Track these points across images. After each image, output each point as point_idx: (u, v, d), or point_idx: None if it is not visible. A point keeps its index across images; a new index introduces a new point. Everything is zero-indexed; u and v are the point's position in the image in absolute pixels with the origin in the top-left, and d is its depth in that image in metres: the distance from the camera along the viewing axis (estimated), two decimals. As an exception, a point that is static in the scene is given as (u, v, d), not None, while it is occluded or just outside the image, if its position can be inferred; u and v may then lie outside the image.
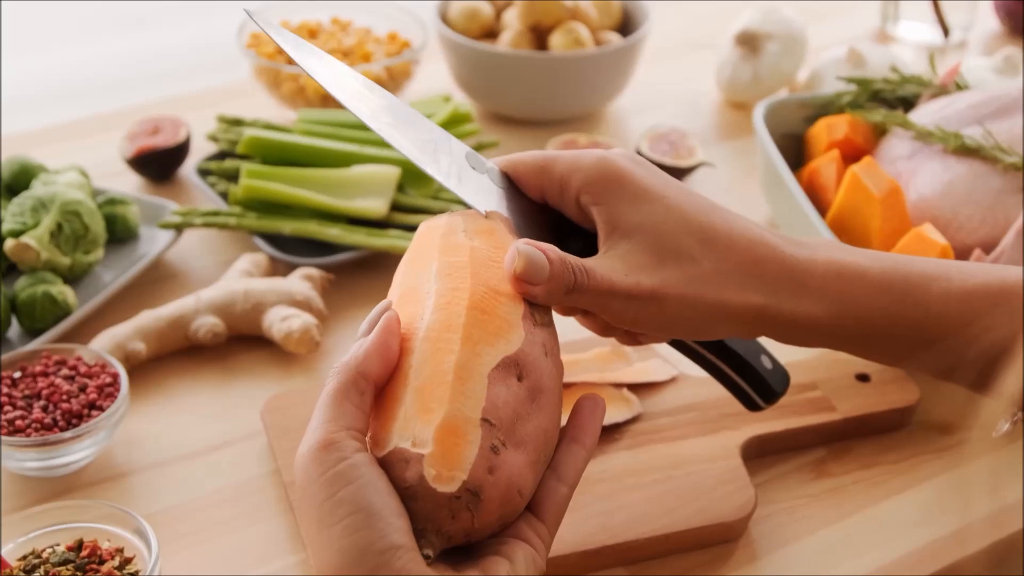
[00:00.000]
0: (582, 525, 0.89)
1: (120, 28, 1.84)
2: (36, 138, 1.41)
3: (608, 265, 0.74)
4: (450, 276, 0.72)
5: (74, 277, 1.13)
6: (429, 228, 0.78)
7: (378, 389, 0.68)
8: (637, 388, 1.01)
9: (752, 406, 0.92)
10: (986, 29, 1.76)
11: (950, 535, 0.93)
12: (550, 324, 0.74)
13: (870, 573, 0.89)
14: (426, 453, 0.64)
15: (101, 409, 0.95)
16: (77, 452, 0.94)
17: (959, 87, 1.26)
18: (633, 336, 0.86)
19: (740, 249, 0.75)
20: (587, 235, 0.79)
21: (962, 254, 1.09)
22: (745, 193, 1.35)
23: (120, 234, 1.19)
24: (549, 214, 0.81)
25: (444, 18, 1.49)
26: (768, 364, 0.91)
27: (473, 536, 0.66)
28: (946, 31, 1.68)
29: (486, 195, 0.79)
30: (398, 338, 0.69)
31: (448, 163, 0.78)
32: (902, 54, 1.56)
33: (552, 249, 0.72)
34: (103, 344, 1.04)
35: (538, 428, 0.69)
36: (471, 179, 0.79)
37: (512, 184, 0.80)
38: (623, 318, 0.75)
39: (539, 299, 0.73)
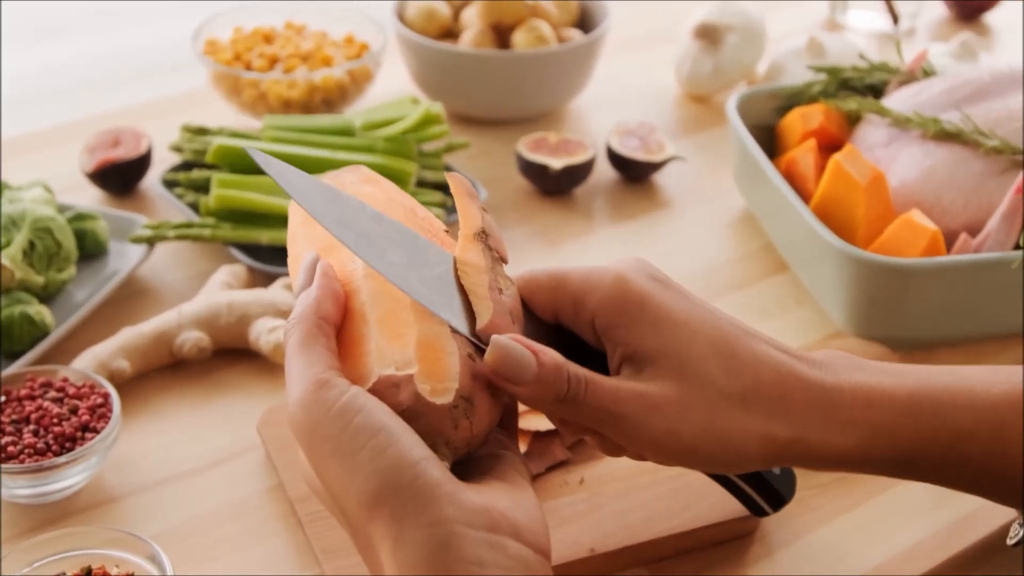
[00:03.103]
0: (600, 526, 0.88)
1: (66, 33, 1.79)
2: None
3: (619, 382, 0.70)
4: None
5: (48, 296, 1.10)
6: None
7: (336, 330, 0.68)
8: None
9: (759, 512, 0.87)
10: (934, 16, 1.78)
11: (963, 517, 0.93)
12: (454, 243, 0.75)
13: (889, 560, 0.89)
14: (414, 372, 0.65)
15: (95, 431, 0.92)
16: (71, 477, 0.91)
17: (927, 73, 1.27)
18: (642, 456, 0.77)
19: (765, 379, 0.71)
20: (604, 357, 0.74)
21: (948, 238, 1.09)
22: (717, 187, 1.35)
23: (90, 250, 1.16)
24: (563, 334, 0.75)
25: (401, 19, 1.47)
26: (775, 469, 0.86)
27: (472, 444, 0.67)
28: (896, 18, 1.69)
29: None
30: (339, 281, 0.70)
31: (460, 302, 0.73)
32: (856, 42, 1.56)
33: (545, 352, 0.68)
34: (86, 363, 1.01)
35: None
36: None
37: (524, 304, 0.75)
38: (636, 440, 0.70)
39: (524, 402, 0.69)
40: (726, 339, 0.71)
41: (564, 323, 0.74)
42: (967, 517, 0.93)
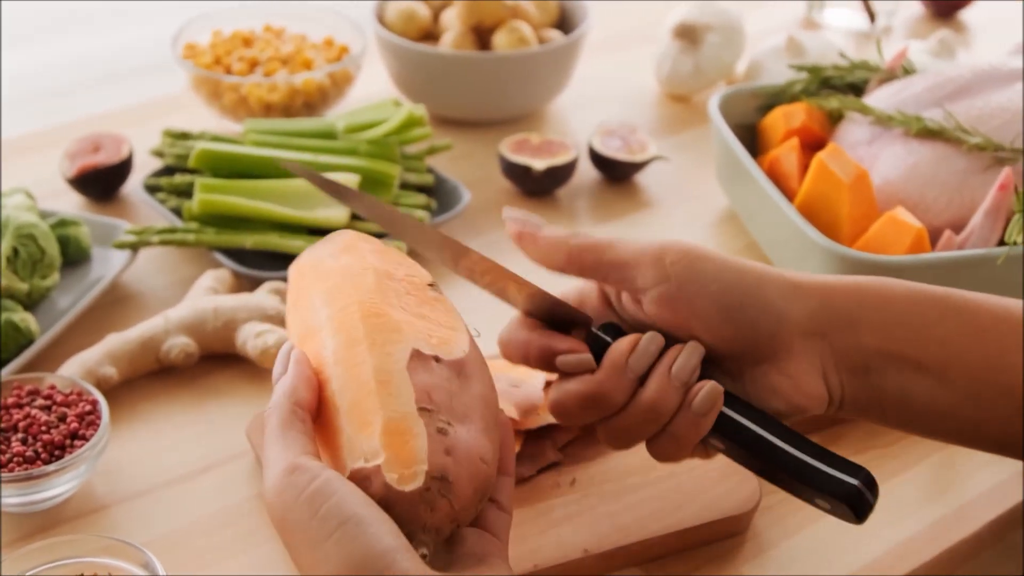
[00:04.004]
0: (594, 527, 0.88)
1: (36, 39, 1.78)
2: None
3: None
4: (333, 299, 0.74)
5: (32, 303, 1.09)
6: (297, 270, 0.81)
7: (312, 417, 0.70)
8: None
9: (858, 503, 0.74)
10: (910, 14, 1.79)
11: (952, 513, 0.94)
12: (440, 298, 0.77)
13: (882, 556, 0.90)
14: (381, 462, 0.66)
15: (84, 439, 0.91)
16: (61, 485, 0.90)
17: (907, 71, 1.27)
18: (705, 449, 0.79)
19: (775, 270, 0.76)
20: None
21: (932, 235, 1.10)
22: (699, 186, 1.35)
23: (73, 256, 1.15)
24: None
25: (381, 21, 1.47)
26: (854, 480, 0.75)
27: (460, 518, 0.67)
28: (872, 17, 1.70)
29: None
30: (311, 367, 0.72)
31: None
32: (833, 41, 1.57)
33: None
34: (73, 370, 1.00)
35: (475, 396, 0.70)
36: None
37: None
38: (640, 284, 0.75)
39: (542, 254, 0.77)
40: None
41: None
42: (958, 512, 0.94)
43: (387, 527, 0.63)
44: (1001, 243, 1.07)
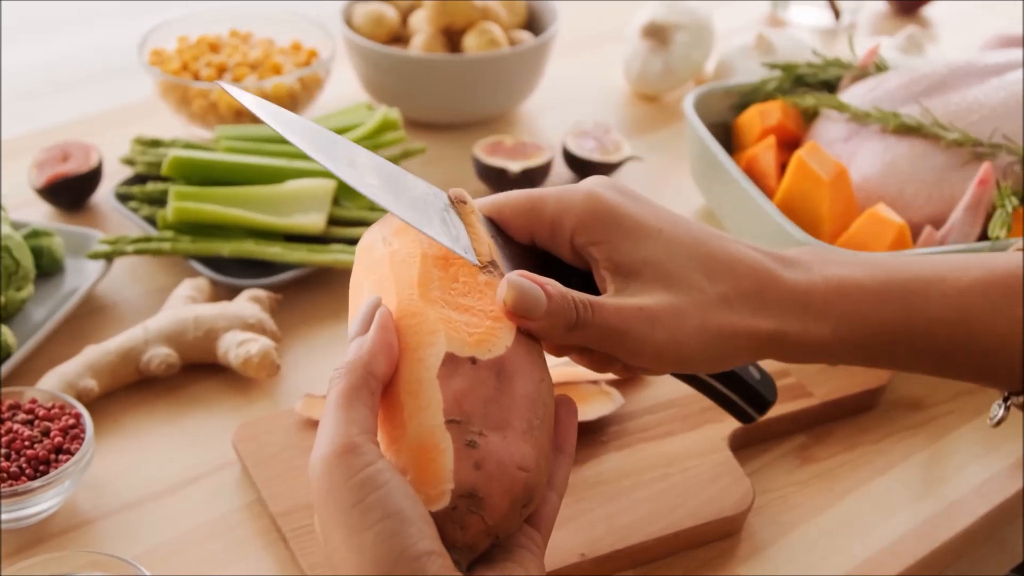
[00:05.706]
0: (588, 530, 0.87)
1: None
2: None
3: (619, 300, 0.72)
4: (378, 295, 0.71)
5: (7, 316, 1.07)
6: (357, 251, 0.78)
7: (384, 388, 0.67)
8: (614, 386, 1.00)
9: (745, 418, 0.91)
10: (874, 10, 1.80)
11: (944, 510, 0.94)
12: (494, 282, 0.72)
13: (877, 553, 0.90)
14: (408, 480, 0.64)
15: (69, 453, 0.90)
16: (47, 501, 0.89)
17: (879, 68, 1.28)
18: (631, 369, 0.79)
19: (742, 277, 0.75)
20: (582, 274, 0.77)
21: (911, 232, 1.10)
22: (674, 185, 1.35)
23: (46, 267, 1.13)
24: (539, 254, 0.78)
25: (349, 24, 1.45)
26: (756, 374, 0.90)
27: (498, 531, 0.65)
28: (837, 14, 1.71)
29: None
30: (395, 333, 0.68)
31: (440, 221, 0.74)
32: (800, 38, 1.57)
33: (551, 283, 0.70)
34: (53, 383, 0.99)
35: (516, 396, 0.66)
36: (460, 229, 0.76)
37: (498, 227, 0.77)
38: (641, 353, 0.72)
39: (537, 334, 0.71)
40: (700, 242, 0.75)
41: (541, 244, 0.77)
42: (950, 508, 0.94)
43: (428, 529, 0.61)
44: (981, 238, 1.08)
